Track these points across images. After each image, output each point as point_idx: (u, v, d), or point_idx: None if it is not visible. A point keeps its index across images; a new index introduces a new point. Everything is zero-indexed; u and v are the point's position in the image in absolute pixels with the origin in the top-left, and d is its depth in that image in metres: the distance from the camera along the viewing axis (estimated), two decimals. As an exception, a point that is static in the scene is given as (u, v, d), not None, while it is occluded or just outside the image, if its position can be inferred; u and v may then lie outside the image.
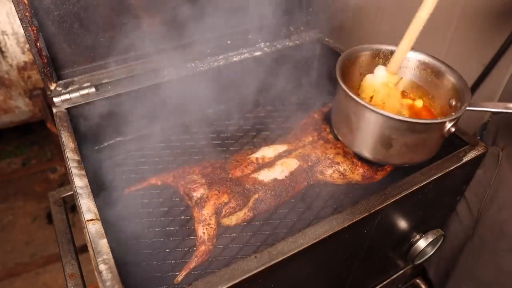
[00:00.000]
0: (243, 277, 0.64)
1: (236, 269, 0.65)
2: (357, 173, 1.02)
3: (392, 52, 0.89)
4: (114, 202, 1.01)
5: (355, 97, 0.78)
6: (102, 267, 0.64)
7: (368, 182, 1.03)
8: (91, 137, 1.10)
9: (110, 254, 0.66)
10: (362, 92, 0.89)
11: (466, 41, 1.61)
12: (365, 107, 0.76)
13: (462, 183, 1.03)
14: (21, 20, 0.89)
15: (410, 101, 0.94)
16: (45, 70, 0.98)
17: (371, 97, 0.88)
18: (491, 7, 1.37)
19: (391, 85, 0.84)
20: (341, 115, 0.87)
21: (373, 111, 0.76)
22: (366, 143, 0.83)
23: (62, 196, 1.09)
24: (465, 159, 0.90)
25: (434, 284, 1.33)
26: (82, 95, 1.05)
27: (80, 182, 0.79)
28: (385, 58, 0.94)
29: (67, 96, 1.03)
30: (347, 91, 0.79)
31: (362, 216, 0.76)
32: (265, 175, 0.99)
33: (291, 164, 1.01)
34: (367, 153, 0.85)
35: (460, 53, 1.66)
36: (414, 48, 0.87)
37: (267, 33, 1.30)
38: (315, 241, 0.70)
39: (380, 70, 0.84)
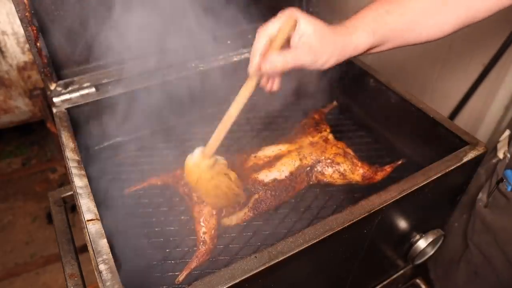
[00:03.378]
0: (243, 277, 0.64)
1: (236, 269, 0.65)
2: (357, 174, 1.02)
3: None
4: (114, 202, 1.01)
5: None
6: (102, 267, 0.64)
7: (368, 182, 1.03)
8: (91, 137, 1.10)
9: (110, 254, 0.66)
10: (185, 170, 0.88)
11: (466, 41, 1.62)
12: None
13: (462, 183, 1.03)
14: (21, 20, 0.89)
15: None
16: (45, 70, 0.98)
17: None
18: (491, 7, 1.37)
19: (202, 167, 0.84)
20: None
21: None
22: None
23: (62, 196, 1.08)
24: (465, 159, 0.90)
25: None
26: (82, 95, 1.05)
27: (80, 182, 0.79)
28: None
29: (67, 96, 1.03)
30: None
31: (362, 216, 0.76)
32: (265, 175, 0.99)
33: (291, 164, 1.01)
34: None
35: (460, 53, 1.66)
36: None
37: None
38: (315, 241, 0.70)
39: (196, 151, 0.85)
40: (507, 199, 1.03)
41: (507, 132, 1.12)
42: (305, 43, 0.74)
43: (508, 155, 1.07)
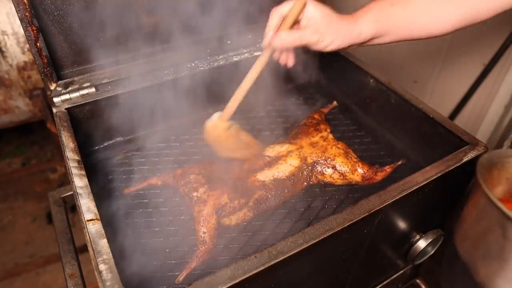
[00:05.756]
0: (243, 277, 0.64)
1: (236, 269, 0.65)
2: (357, 174, 1.02)
3: None
4: (114, 202, 1.01)
5: None
6: (102, 267, 0.64)
7: (368, 182, 1.03)
8: (91, 137, 1.10)
9: (110, 254, 0.66)
10: (205, 133, 0.99)
11: (466, 41, 1.62)
12: None
13: (462, 183, 1.03)
14: (21, 20, 0.89)
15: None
16: (45, 70, 0.98)
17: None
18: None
19: (220, 129, 0.96)
20: (481, 235, 0.61)
21: None
22: None
23: (62, 196, 1.08)
24: (465, 159, 0.89)
25: None
26: (82, 95, 1.05)
27: (80, 182, 0.79)
28: None
29: (67, 96, 1.03)
30: (505, 210, 0.55)
31: (362, 216, 0.76)
32: (265, 175, 0.99)
33: (291, 164, 1.01)
34: None
35: (460, 53, 1.66)
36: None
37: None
38: (315, 241, 0.70)
39: (215, 116, 0.96)
40: None
41: None
42: (313, 25, 0.82)
43: None
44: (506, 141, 1.13)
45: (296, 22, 0.84)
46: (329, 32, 0.83)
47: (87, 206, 0.75)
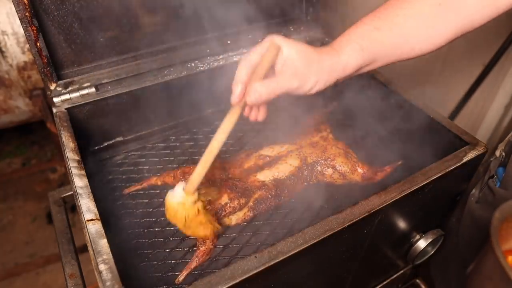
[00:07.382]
0: (243, 277, 0.64)
1: (236, 269, 0.65)
2: (357, 174, 1.02)
3: None
4: (114, 202, 1.01)
5: None
6: (102, 267, 0.64)
7: (368, 182, 1.03)
8: (91, 137, 1.10)
9: (110, 254, 0.66)
10: (166, 210, 0.82)
11: (466, 41, 1.62)
12: None
13: (462, 183, 1.03)
14: (21, 20, 0.89)
15: None
16: (45, 70, 0.98)
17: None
18: (491, 7, 1.36)
19: (188, 204, 0.79)
20: None
21: None
22: None
23: (62, 196, 1.08)
24: (465, 159, 0.90)
25: None
26: (82, 95, 1.05)
27: (80, 182, 0.79)
28: None
29: (67, 96, 1.03)
30: None
31: (362, 216, 0.76)
32: (265, 175, 0.99)
33: (291, 164, 1.01)
34: None
35: (460, 53, 1.66)
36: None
37: (267, 33, 1.30)
38: (315, 241, 0.70)
39: (179, 189, 0.79)
40: (494, 195, 1.04)
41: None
42: (290, 68, 0.70)
43: (503, 154, 1.08)
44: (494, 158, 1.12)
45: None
46: (310, 73, 0.70)
47: (87, 206, 0.75)
